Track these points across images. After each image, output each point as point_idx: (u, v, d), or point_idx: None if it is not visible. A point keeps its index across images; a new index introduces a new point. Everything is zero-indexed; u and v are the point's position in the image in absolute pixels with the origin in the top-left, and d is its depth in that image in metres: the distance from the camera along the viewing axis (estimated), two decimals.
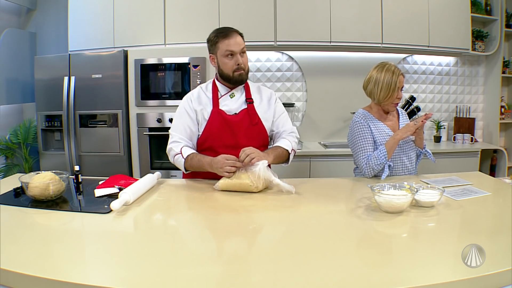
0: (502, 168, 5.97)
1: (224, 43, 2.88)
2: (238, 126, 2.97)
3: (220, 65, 2.95)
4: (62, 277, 1.43)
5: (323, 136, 5.98)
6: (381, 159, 3.01)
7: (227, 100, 3.03)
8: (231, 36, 2.88)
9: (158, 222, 2.26)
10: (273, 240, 1.94)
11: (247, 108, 3.03)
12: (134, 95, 4.97)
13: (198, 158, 2.87)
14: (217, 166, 2.68)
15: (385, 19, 5.37)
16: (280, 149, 2.99)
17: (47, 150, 5.27)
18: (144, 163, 5.05)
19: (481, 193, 2.57)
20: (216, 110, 2.97)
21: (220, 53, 2.91)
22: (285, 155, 3.05)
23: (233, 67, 2.91)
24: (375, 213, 2.20)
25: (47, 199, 2.39)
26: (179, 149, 2.94)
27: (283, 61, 5.90)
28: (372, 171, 3.07)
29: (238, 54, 2.89)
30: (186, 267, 1.56)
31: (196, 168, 2.89)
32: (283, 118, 3.18)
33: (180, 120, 3.03)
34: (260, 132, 3.04)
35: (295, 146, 3.12)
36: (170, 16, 5.26)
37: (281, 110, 3.20)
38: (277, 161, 2.99)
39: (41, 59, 5.16)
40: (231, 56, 2.89)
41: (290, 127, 3.19)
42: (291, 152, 3.06)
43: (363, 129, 3.17)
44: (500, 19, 5.88)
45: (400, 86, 3.13)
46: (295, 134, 3.19)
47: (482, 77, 6.34)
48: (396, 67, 3.16)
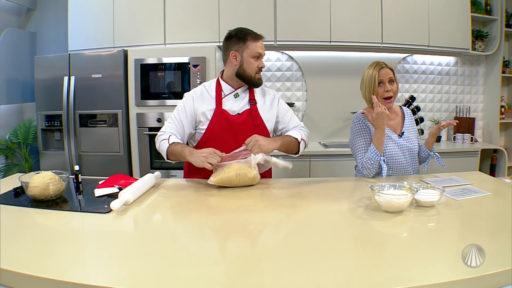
0: (502, 168, 5.97)
1: (255, 44, 2.96)
2: (241, 127, 2.99)
3: (245, 64, 2.98)
4: (62, 276, 1.43)
5: (323, 136, 5.98)
6: (373, 158, 3.00)
7: (230, 100, 3.05)
8: (260, 39, 3.01)
9: (158, 222, 2.26)
10: (273, 240, 1.94)
11: (250, 109, 3.05)
12: (134, 95, 4.98)
13: (181, 145, 2.90)
14: (200, 155, 2.69)
15: (385, 18, 5.38)
16: (288, 138, 3.04)
17: (47, 150, 5.28)
18: (144, 163, 5.06)
19: (481, 193, 2.57)
20: (219, 110, 2.98)
21: (249, 53, 2.96)
22: (295, 144, 3.07)
23: (256, 69, 2.99)
24: (375, 213, 2.20)
25: (47, 199, 2.39)
26: (168, 136, 2.97)
27: (283, 61, 5.90)
28: (370, 172, 3.06)
29: (262, 58, 3.00)
30: (186, 267, 1.56)
31: (176, 155, 2.89)
32: (289, 115, 3.23)
33: (176, 116, 3.05)
34: (263, 133, 3.02)
35: (305, 138, 3.14)
36: (170, 16, 5.26)
37: (286, 109, 3.24)
38: (285, 149, 3.03)
39: (41, 59, 5.16)
40: (257, 58, 2.97)
41: (298, 122, 3.24)
42: (300, 141, 3.08)
43: (361, 129, 3.17)
44: (500, 19, 5.89)
45: (384, 79, 3.10)
46: (305, 128, 3.22)
47: (482, 77, 6.34)
48: (380, 62, 3.15)
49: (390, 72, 3.12)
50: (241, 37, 2.95)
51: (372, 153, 3.00)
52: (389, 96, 3.12)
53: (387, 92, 3.10)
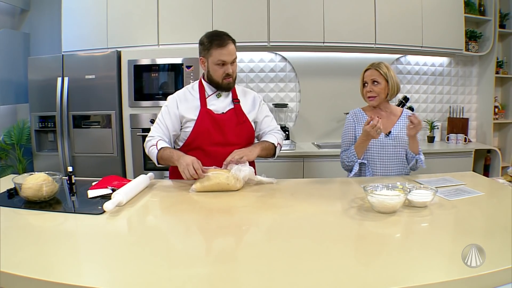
0: (496, 168, 5.99)
1: (218, 52, 2.91)
2: (227, 124, 3.02)
3: (210, 71, 2.99)
4: (55, 278, 1.43)
5: (317, 136, 5.98)
6: (350, 158, 3.21)
7: (214, 100, 3.08)
8: (225, 45, 2.91)
9: (151, 223, 2.26)
10: (267, 240, 1.94)
11: (234, 107, 3.10)
12: (127, 96, 4.97)
13: (170, 150, 2.92)
14: (183, 163, 2.68)
15: (378, 19, 5.39)
16: (266, 143, 3.12)
17: (41, 151, 5.26)
18: (137, 164, 5.05)
19: (474, 193, 2.58)
20: (205, 110, 3.01)
21: (212, 60, 2.95)
22: (272, 149, 3.15)
23: (222, 75, 2.97)
24: (368, 213, 2.21)
25: (41, 200, 2.38)
26: (156, 141, 2.98)
27: (277, 62, 5.90)
28: (345, 168, 3.33)
29: (229, 64, 2.95)
30: (179, 268, 1.57)
31: (166, 160, 2.92)
32: (268, 119, 3.31)
33: (162, 120, 3.07)
34: (248, 130, 3.13)
35: (281, 141, 3.24)
36: (164, 17, 5.25)
37: (266, 112, 3.31)
38: (264, 154, 3.10)
39: (35, 59, 5.14)
40: (222, 65, 2.94)
41: (275, 125, 3.32)
42: (277, 145, 3.17)
43: (348, 126, 3.39)
44: (493, 20, 5.91)
45: (367, 80, 3.27)
46: (280, 132, 3.31)
47: (476, 77, 6.36)
48: (373, 63, 3.30)
49: (374, 74, 3.24)
50: (206, 44, 2.96)
51: (351, 154, 3.19)
52: (371, 96, 3.27)
53: (369, 93, 3.27)
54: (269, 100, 5.90)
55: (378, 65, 3.23)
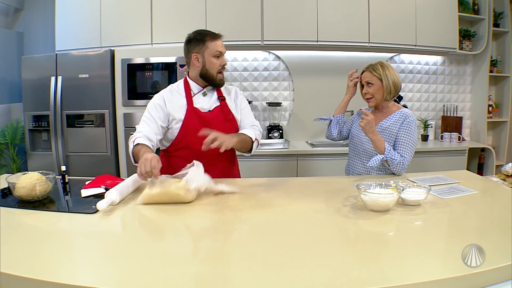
0: (490, 166, 6.01)
1: (213, 43, 2.98)
2: (214, 122, 3.01)
3: (207, 64, 2.99)
4: (49, 277, 1.43)
5: (310, 135, 5.99)
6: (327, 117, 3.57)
7: (200, 98, 3.09)
8: (218, 38, 3.02)
9: (145, 222, 2.26)
10: (260, 239, 1.94)
11: (220, 105, 3.10)
12: (121, 94, 4.97)
13: (142, 146, 2.78)
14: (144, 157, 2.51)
15: (372, 18, 5.40)
16: (244, 136, 3.04)
17: (35, 150, 5.25)
18: (131, 163, 4.94)
19: (468, 191, 2.59)
20: (191, 108, 3.01)
21: (209, 53, 2.97)
22: (249, 143, 3.08)
23: (219, 68, 3.01)
24: (361, 211, 2.21)
25: (34, 199, 2.38)
26: (135, 138, 2.90)
27: (270, 61, 5.91)
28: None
29: (223, 56, 3.03)
30: (173, 267, 1.56)
31: (135, 155, 2.81)
32: (245, 112, 3.26)
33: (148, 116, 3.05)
34: (235, 127, 3.14)
35: (259, 138, 3.17)
36: (157, 16, 5.25)
37: (244, 104, 3.29)
38: (240, 146, 2.99)
39: (28, 59, 5.14)
40: (218, 57, 3.00)
41: (252, 120, 3.27)
42: (254, 141, 3.10)
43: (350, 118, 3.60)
44: (487, 18, 5.93)
45: (364, 82, 3.30)
46: (258, 127, 3.24)
47: (470, 76, 6.38)
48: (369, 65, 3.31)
49: (367, 75, 3.26)
50: (200, 38, 2.98)
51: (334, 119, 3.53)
52: (367, 98, 3.30)
53: (365, 95, 3.31)
54: (263, 99, 5.92)
55: (372, 66, 3.24)
